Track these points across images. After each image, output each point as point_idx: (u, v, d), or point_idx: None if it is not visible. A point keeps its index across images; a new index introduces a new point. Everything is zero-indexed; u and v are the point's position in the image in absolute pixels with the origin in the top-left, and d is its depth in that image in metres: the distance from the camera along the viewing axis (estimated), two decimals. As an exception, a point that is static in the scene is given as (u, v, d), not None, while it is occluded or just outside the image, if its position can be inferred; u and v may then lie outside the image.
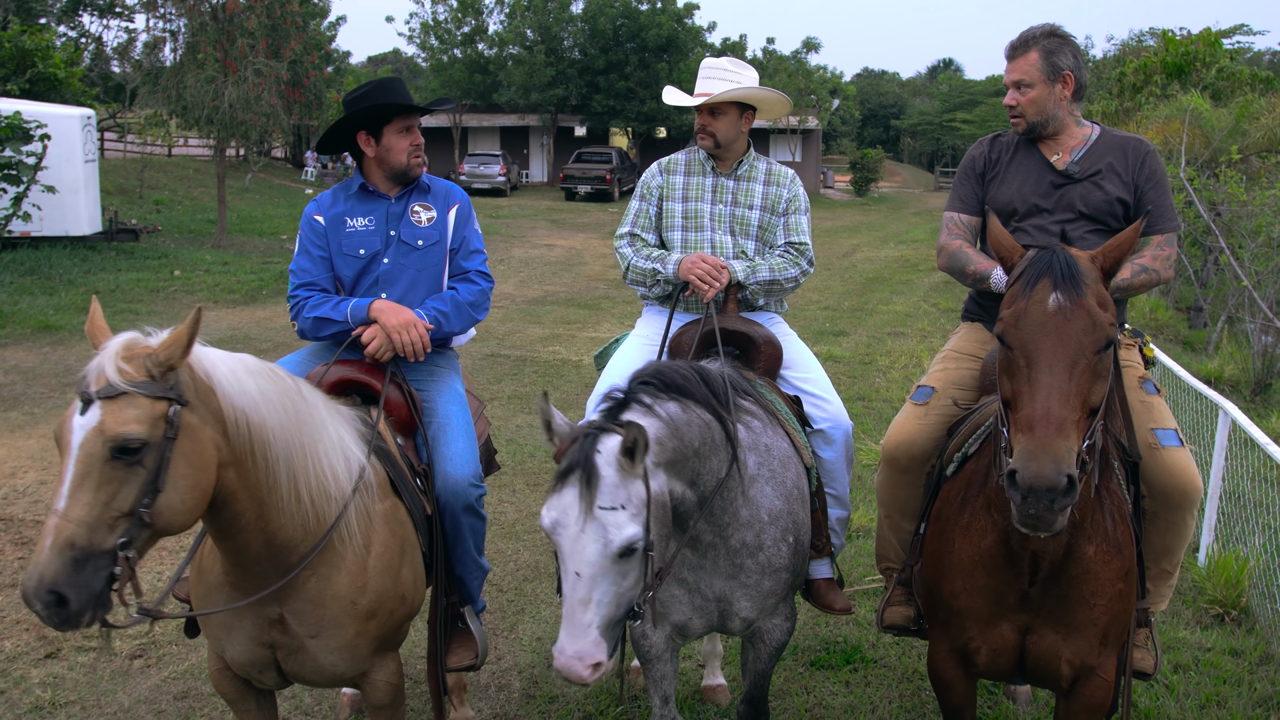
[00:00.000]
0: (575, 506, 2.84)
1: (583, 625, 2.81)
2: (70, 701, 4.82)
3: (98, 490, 2.65)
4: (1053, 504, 2.66)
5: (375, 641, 3.47)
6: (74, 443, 2.67)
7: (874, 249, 28.58)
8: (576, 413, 3.63)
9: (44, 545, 2.59)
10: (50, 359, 11.91)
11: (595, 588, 2.82)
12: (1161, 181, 3.97)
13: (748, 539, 3.47)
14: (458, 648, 4.04)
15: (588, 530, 2.82)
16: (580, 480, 2.85)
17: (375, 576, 3.41)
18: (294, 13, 24.20)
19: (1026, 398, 2.79)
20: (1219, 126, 18.14)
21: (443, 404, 4.05)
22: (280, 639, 3.33)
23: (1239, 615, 5.93)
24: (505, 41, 50.41)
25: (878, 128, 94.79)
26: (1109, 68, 33.63)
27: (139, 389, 2.74)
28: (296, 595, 3.27)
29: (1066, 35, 4.00)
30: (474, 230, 4.23)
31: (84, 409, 2.70)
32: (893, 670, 5.25)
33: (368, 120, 4.00)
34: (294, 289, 4.05)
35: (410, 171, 4.07)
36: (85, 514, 2.63)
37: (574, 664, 2.78)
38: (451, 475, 3.87)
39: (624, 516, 2.85)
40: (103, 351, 2.77)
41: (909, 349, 13.75)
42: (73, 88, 27.43)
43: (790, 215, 4.48)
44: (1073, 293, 2.83)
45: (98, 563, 2.65)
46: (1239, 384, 12.64)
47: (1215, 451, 6.75)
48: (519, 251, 25.35)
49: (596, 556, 2.81)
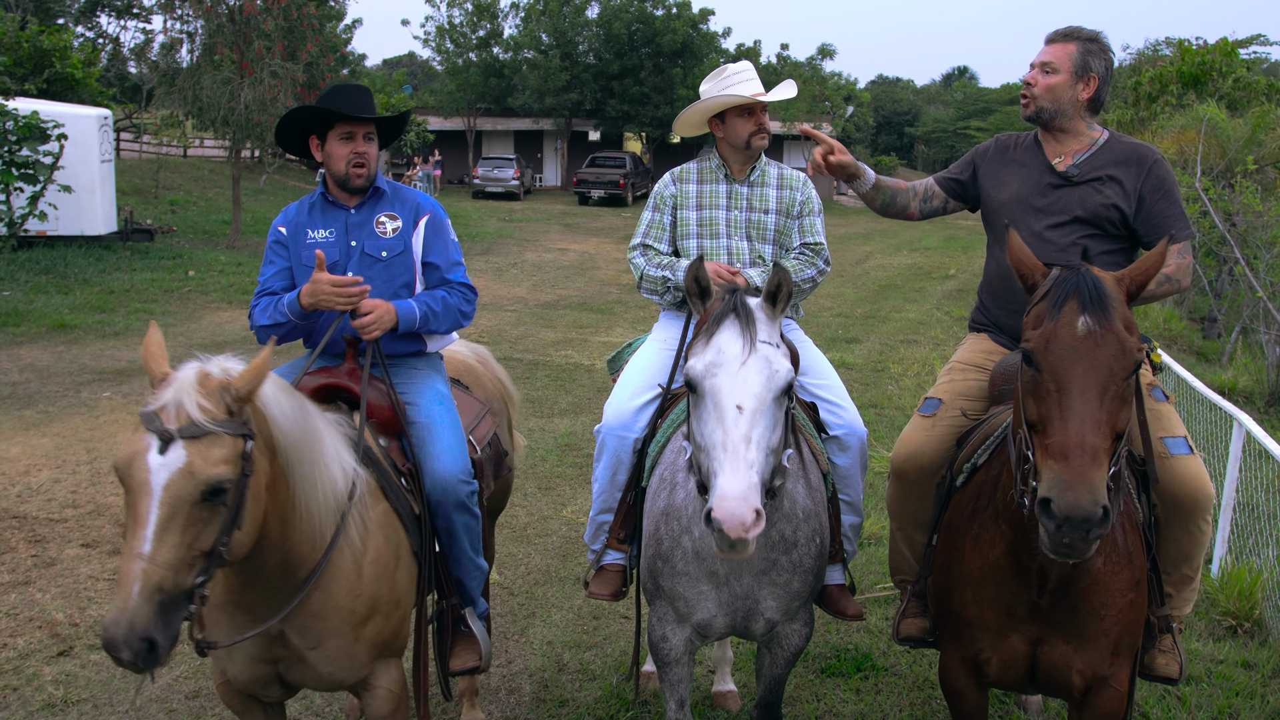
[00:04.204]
0: (737, 341, 2.93)
1: (746, 463, 2.75)
2: (82, 699, 4.83)
3: (183, 532, 2.64)
4: (1088, 534, 2.65)
5: (373, 648, 3.45)
6: (155, 484, 2.62)
7: (887, 256, 28.53)
8: (590, 417, 3.63)
9: (130, 591, 2.55)
10: (65, 358, 11.96)
11: (756, 424, 2.82)
12: (1170, 191, 3.96)
13: (786, 532, 3.46)
14: (460, 650, 4.01)
15: (751, 362, 2.89)
16: (742, 318, 2.97)
17: (370, 582, 3.39)
18: (310, 15, 24.33)
19: (1058, 424, 2.77)
20: (1235, 137, 18.08)
21: (425, 404, 3.98)
22: (281, 653, 3.31)
23: (1252, 627, 5.90)
24: (520, 45, 50.48)
25: (892, 135, 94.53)
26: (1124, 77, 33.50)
27: (222, 428, 2.72)
28: (299, 610, 3.22)
29: (1108, 47, 4.05)
30: (450, 240, 4.14)
31: (163, 448, 2.65)
32: (903, 678, 5.24)
33: (315, 125, 3.95)
34: (253, 297, 4.03)
35: (349, 181, 3.94)
36: (171, 557, 2.61)
37: (739, 507, 2.66)
38: (439, 473, 3.81)
39: (780, 353, 2.98)
40: (175, 385, 2.73)
41: (921, 357, 13.72)
42: (90, 88, 27.58)
43: (805, 217, 4.49)
44: (1101, 317, 2.82)
45: (180, 604, 2.66)
46: (1253, 395, 12.59)
47: (1229, 463, 6.72)
48: (532, 255, 25.38)
49: (761, 387, 2.87)
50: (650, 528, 3.69)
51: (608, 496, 4.21)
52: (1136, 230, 3.96)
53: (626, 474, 4.13)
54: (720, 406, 2.83)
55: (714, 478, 2.77)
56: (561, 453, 8.91)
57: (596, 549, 4.30)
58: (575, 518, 7.31)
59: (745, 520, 2.65)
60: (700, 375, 2.90)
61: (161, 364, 2.84)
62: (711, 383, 2.87)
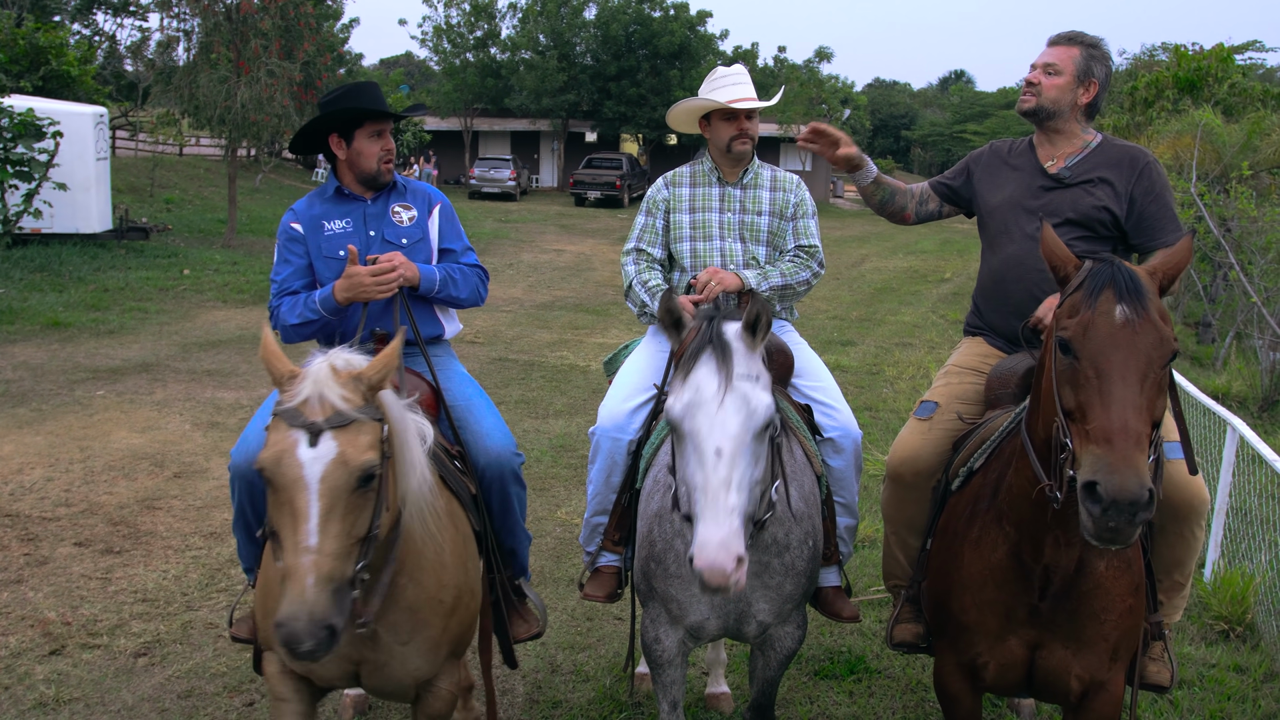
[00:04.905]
0: (713, 379, 2.84)
1: (726, 509, 2.70)
2: (74, 699, 4.82)
3: (344, 520, 2.70)
4: (1134, 517, 2.62)
5: (454, 640, 3.48)
6: (310, 477, 2.68)
7: (883, 259, 28.56)
8: (584, 418, 3.63)
9: (305, 584, 2.60)
10: (59, 356, 11.94)
11: (736, 466, 2.76)
12: (1162, 193, 3.98)
13: (779, 535, 3.45)
14: (519, 620, 4.12)
15: (728, 401, 2.81)
16: (716, 354, 2.86)
17: (452, 571, 3.41)
18: (308, 14, 24.31)
19: (1099, 409, 2.74)
20: (1230, 142, 18.10)
21: (455, 386, 4.11)
22: (369, 655, 3.28)
23: (1244, 632, 5.91)
24: (517, 46, 50.46)
25: (888, 138, 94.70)
26: (1120, 82, 33.54)
27: (365, 414, 2.80)
28: (394, 606, 3.21)
29: (1108, 54, 4.10)
30: (460, 229, 4.29)
31: (313, 440, 2.70)
32: (897, 681, 5.24)
33: (340, 123, 4.01)
34: (272, 298, 4.08)
35: (380, 177, 4.08)
36: (337, 546, 2.67)
37: (719, 556, 2.64)
38: (492, 450, 3.96)
39: (759, 386, 2.87)
40: (312, 379, 2.78)
41: (917, 360, 13.73)
42: (86, 86, 27.48)
43: (799, 219, 4.49)
44: (1139, 305, 2.81)
45: (347, 590, 2.72)
46: (1246, 400, 12.60)
47: (1222, 468, 6.73)
48: (528, 256, 25.37)
49: (739, 428, 2.79)
50: (644, 530, 3.69)
51: (603, 498, 4.21)
52: (1128, 232, 3.97)
53: (621, 476, 4.13)
54: (700, 450, 2.79)
55: (696, 521, 2.75)
56: (556, 454, 8.90)
57: (591, 551, 4.30)
58: (570, 519, 7.31)
59: (726, 568, 2.64)
60: (679, 417, 2.86)
61: (285, 363, 2.89)
62: (690, 425, 2.83)
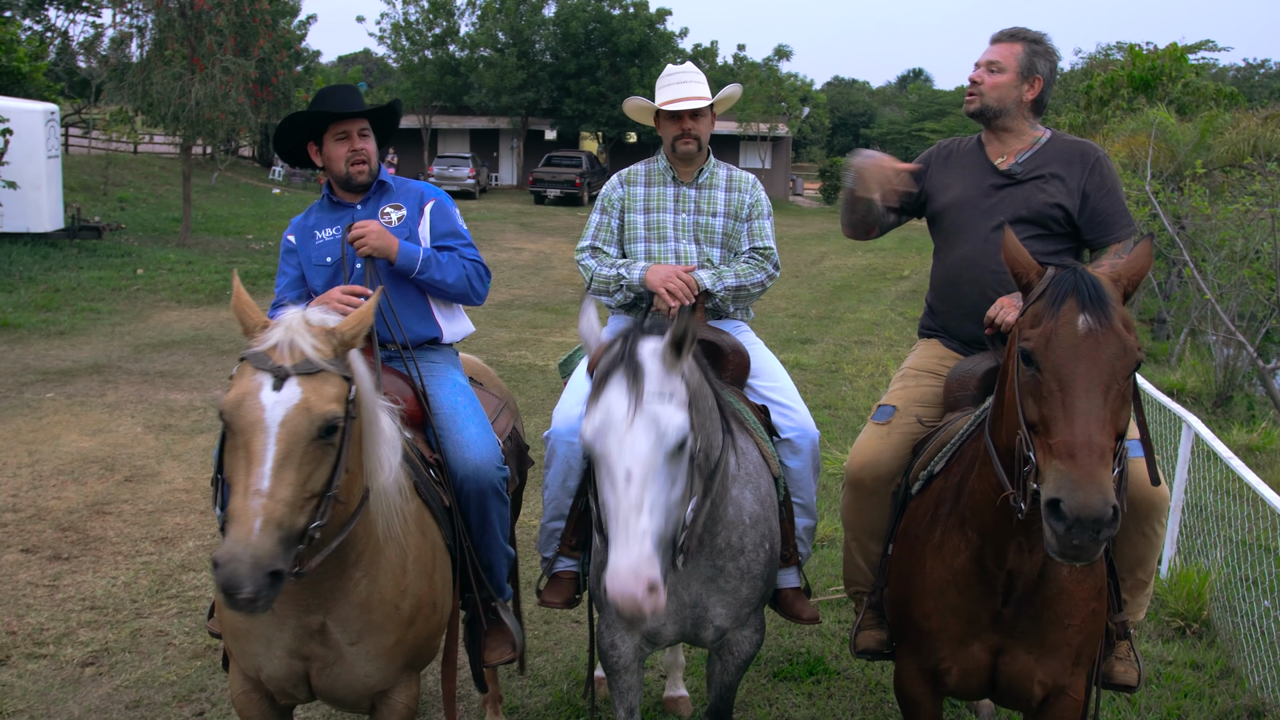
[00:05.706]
0: (623, 400, 2.76)
1: (637, 533, 2.61)
2: (18, 710, 4.71)
3: (299, 470, 2.63)
4: (1098, 534, 2.56)
5: (410, 652, 3.38)
6: (271, 420, 2.62)
7: (842, 257, 28.66)
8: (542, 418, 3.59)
9: (251, 526, 2.51)
10: (7, 357, 11.72)
11: (648, 489, 2.68)
12: (1114, 189, 3.97)
13: (732, 539, 3.41)
14: (494, 642, 3.98)
15: (637, 424, 2.72)
16: (627, 375, 2.78)
17: (414, 579, 3.33)
18: (263, 11, 23.97)
19: (1062, 423, 2.69)
20: (1184, 141, 18.32)
21: (445, 395, 4.00)
22: (318, 650, 3.20)
23: (1200, 628, 5.95)
24: (476, 43, 50.28)
25: (847, 136, 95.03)
26: (1076, 81, 33.89)
27: (334, 367, 2.75)
28: (345, 600, 3.14)
29: (1053, 49, 4.07)
30: (460, 223, 4.26)
31: (278, 384, 2.65)
32: (856, 682, 5.22)
33: (310, 133, 3.98)
34: (270, 311, 4.00)
35: (352, 179, 4.01)
36: (290, 494, 2.60)
37: (629, 583, 2.53)
38: (471, 461, 3.82)
39: (673, 407, 2.78)
40: (285, 326, 2.75)
41: (876, 357, 13.77)
42: (37, 82, 27.11)
43: (754, 220, 4.46)
44: (1101, 315, 2.77)
45: (294, 543, 2.63)
46: (1201, 396, 12.74)
47: (1178, 464, 6.77)
48: (487, 255, 24.82)
49: (648, 451, 2.70)
50: (599, 535, 3.65)
51: (559, 503, 4.16)
52: (1080, 228, 3.96)
53: (577, 480, 4.07)
54: (611, 473, 2.72)
55: (609, 547, 2.67)
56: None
57: (549, 556, 4.25)
58: (527, 521, 7.23)
59: (636, 595, 2.54)
60: (591, 439, 2.79)
61: (259, 313, 2.86)
62: (601, 447, 2.76)
